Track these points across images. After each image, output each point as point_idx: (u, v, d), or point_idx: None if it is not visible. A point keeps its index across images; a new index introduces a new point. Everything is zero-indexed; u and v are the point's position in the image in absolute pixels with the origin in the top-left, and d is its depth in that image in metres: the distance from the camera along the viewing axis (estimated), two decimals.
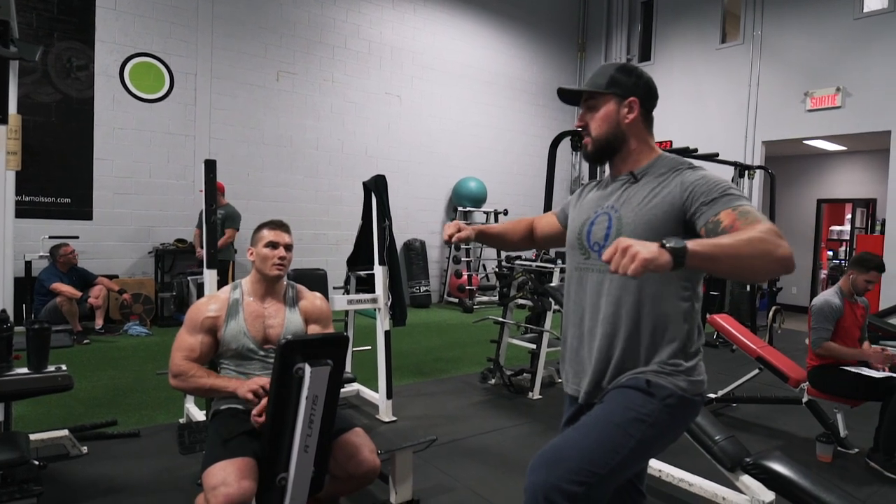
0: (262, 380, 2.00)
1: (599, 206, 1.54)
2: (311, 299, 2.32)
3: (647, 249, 1.07)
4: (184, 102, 6.96)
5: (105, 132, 6.48)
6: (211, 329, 2.15)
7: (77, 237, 6.07)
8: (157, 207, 6.83)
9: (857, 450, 3.38)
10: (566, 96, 1.59)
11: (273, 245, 2.17)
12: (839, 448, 3.37)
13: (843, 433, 3.43)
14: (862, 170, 9.71)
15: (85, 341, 5.45)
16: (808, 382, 3.53)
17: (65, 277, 5.63)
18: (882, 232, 7.69)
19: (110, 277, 6.22)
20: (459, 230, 1.76)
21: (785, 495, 2.22)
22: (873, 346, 3.54)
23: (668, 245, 1.09)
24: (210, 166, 3.12)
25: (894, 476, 3.07)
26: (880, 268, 3.40)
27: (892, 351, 3.38)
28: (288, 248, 2.21)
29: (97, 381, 4.25)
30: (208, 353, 2.15)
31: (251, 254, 2.22)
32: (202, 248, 6.21)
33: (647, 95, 1.52)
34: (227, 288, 2.25)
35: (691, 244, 1.11)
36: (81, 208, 6.37)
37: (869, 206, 10.07)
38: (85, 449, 2.96)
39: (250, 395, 1.97)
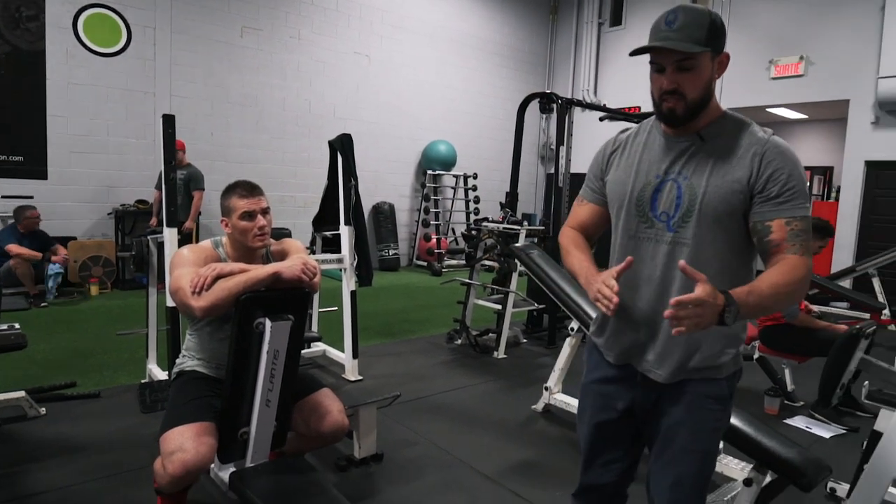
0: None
1: (660, 170, 1.38)
2: (277, 244, 2.19)
3: (710, 319, 1.17)
4: (143, 57, 6.68)
5: (59, 87, 6.19)
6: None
7: (31, 197, 5.87)
8: (116, 167, 6.61)
9: (802, 403, 3.56)
10: (655, 53, 1.30)
11: (250, 215, 2.01)
12: (786, 402, 3.55)
13: (790, 387, 3.61)
14: (821, 138, 9.95)
15: (42, 304, 5.32)
16: (758, 340, 3.68)
17: (24, 239, 5.46)
18: (836, 199, 7.93)
19: (68, 239, 6.04)
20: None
21: (732, 442, 2.33)
22: (823, 309, 3.70)
23: (727, 318, 1.18)
24: (168, 121, 3.03)
25: (823, 420, 3.32)
26: (830, 233, 3.57)
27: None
28: (265, 212, 2.04)
29: (56, 344, 4.17)
30: None
31: (226, 225, 2.05)
32: (157, 216, 6.09)
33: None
34: (208, 245, 2.08)
35: (744, 310, 1.20)
36: (35, 167, 6.12)
37: (826, 173, 10.36)
38: (43, 410, 2.92)
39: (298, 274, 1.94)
